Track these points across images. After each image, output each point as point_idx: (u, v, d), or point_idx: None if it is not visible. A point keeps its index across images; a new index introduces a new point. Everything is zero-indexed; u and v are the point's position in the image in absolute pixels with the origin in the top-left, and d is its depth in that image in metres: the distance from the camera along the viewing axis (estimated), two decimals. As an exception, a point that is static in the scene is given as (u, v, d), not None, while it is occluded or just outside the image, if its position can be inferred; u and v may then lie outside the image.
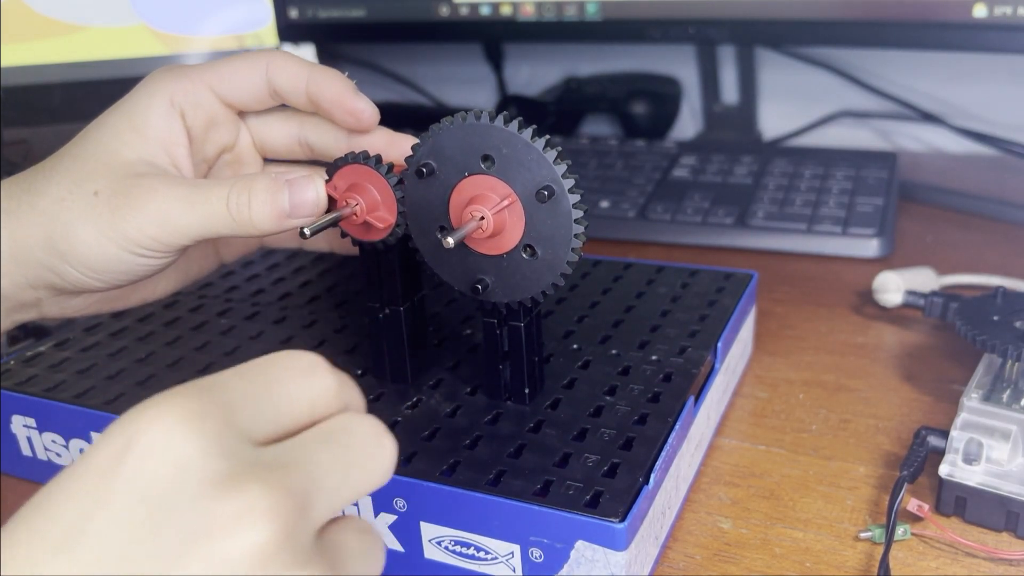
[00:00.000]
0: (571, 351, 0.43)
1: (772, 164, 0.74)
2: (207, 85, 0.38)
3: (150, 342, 0.47)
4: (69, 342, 0.47)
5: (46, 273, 0.36)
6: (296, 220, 0.35)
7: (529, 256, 0.34)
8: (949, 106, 0.84)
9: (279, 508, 0.20)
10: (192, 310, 0.50)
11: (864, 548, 0.37)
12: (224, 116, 0.39)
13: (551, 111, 0.92)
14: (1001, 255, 0.62)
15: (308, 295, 0.51)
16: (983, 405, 0.39)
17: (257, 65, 0.38)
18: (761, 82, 0.87)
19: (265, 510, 0.20)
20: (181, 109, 0.37)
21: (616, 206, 0.70)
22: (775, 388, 0.49)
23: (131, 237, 0.35)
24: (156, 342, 0.46)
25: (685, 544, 0.38)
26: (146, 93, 0.37)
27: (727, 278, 0.50)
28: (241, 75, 0.38)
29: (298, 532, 0.21)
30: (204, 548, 0.19)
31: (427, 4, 0.79)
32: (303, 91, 0.38)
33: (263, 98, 0.38)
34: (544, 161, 0.32)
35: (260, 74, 0.38)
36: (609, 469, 0.34)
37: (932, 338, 0.53)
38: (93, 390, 0.42)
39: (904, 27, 0.65)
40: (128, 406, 0.35)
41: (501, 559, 0.34)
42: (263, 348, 0.45)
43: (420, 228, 0.36)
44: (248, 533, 0.20)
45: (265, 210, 0.35)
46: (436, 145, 0.34)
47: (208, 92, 0.38)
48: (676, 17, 0.72)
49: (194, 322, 0.48)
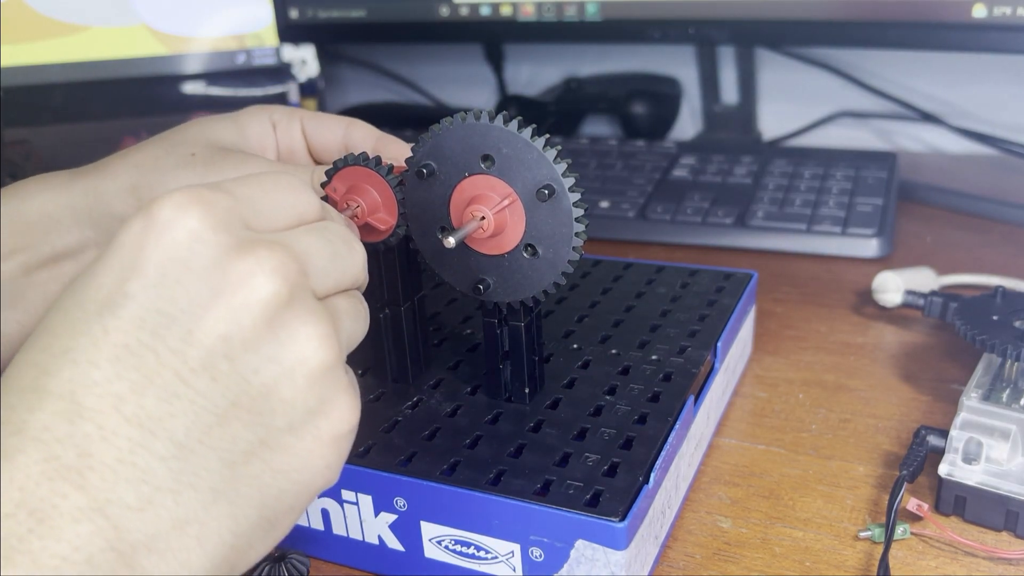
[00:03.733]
0: (571, 351, 0.43)
1: (772, 164, 0.74)
2: (300, 120, 0.42)
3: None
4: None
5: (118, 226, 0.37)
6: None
7: (530, 255, 0.34)
8: (949, 106, 0.84)
9: (284, 267, 0.24)
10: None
11: (864, 547, 0.37)
12: (301, 151, 0.42)
13: (551, 111, 0.92)
14: (1000, 255, 0.62)
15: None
16: (982, 405, 0.39)
17: (341, 123, 0.42)
18: (761, 82, 0.87)
19: (274, 267, 0.24)
20: (275, 128, 0.41)
21: (616, 206, 0.70)
22: (775, 388, 0.49)
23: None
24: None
25: (685, 543, 0.38)
26: (254, 109, 0.42)
27: (727, 278, 0.50)
28: (328, 125, 0.42)
29: (302, 288, 0.25)
30: (226, 299, 0.23)
31: (427, 4, 0.79)
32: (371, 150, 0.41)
33: (336, 150, 0.42)
34: (544, 160, 0.32)
35: (341, 130, 0.41)
36: (609, 468, 0.34)
37: (932, 338, 0.53)
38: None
39: (904, 27, 0.66)
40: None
41: (501, 558, 0.34)
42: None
43: (421, 228, 0.36)
44: (261, 285, 0.24)
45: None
46: (436, 145, 0.34)
47: (299, 127, 0.42)
48: (676, 17, 0.73)
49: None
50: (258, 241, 0.24)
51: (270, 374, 0.24)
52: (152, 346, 0.23)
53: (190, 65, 0.85)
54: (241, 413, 0.23)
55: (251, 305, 0.23)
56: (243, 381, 0.23)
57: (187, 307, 0.23)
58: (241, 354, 0.23)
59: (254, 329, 0.24)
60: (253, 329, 0.24)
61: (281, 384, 0.24)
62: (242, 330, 0.23)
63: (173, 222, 0.24)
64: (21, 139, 0.79)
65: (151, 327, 0.23)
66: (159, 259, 0.23)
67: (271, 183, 0.27)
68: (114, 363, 0.22)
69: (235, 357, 0.23)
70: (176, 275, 0.23)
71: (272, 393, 0.24)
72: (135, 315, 0.23)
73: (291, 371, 0.24)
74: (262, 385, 0.24)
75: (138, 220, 0.24)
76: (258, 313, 0.24)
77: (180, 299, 0.23)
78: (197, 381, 0.23)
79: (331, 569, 0.38)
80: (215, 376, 0.23)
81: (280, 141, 0.42)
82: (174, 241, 0.23)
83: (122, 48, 0.82)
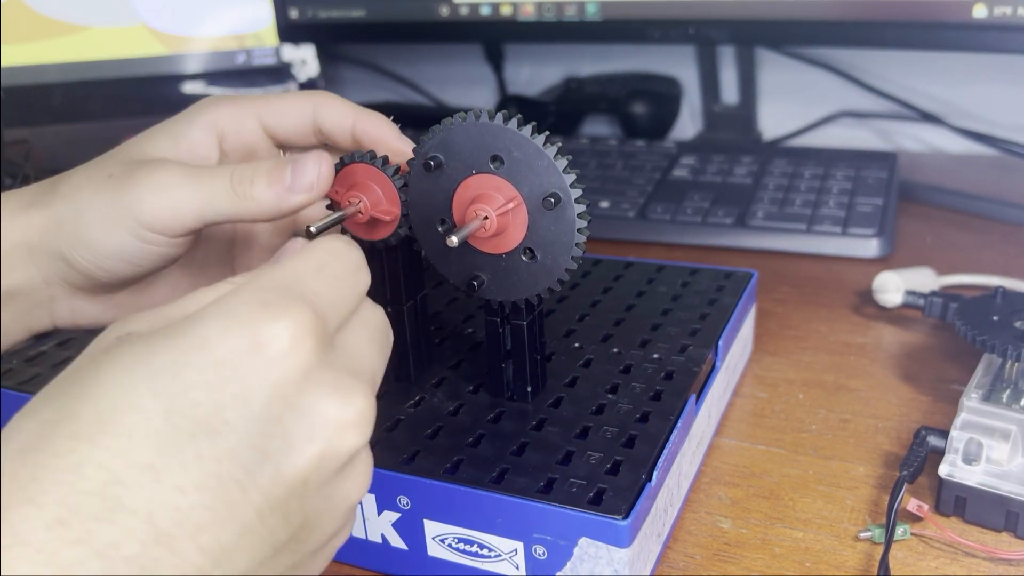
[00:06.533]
0: (573, 350, 0.43)
1: (772, 164, 0.74)
2: (255, 114, 0.39)
3: (152, 341, 0.47)
4: (71, 341, 0.47)
5: (57, 263, 0.37)
6: (298, 197, 0.35)
7: (528, 259, 0.35)
8: (949, 106, 0.84)
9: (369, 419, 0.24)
10: (194, 309, 0.50)
11: (864, 548, 0.37)
12: (264, 146, 0.40)
13: (551, 111, 0.92)
14: (1001, 255, 0.63)
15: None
16: (983, 405, 0.39)
17: (305, 103, 0.39)
18: (761, 82, 0.88)
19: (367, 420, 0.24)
20: (221, 131, 0.38)
21: (616, 206, 0.70)
22: (775, 388, 0.49)
23: (133, 213, 0.35)
24: (158, 341, 0.46)
25: (685, 544, 0.38)
26: (191, 112, 0.39)
27: (727, 277, 0.50)
28: (289, 109, 0.39)
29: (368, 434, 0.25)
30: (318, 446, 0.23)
31: (427, 4, 0.79)
32: (348, 132, 0.38)
33: (306, 134, 0.39)
34: (554, 168, 0.32)
35: (307, 112, 0.39)
36: (612, 467, 0.34)
37: (932, 338, 0.53)
38: (96, 389, 0.42)
39: (904, 27, 0.66)
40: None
41: (505, 556, 0.34)
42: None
43: (422, 220, 0.36)
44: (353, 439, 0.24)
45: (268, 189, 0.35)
46: (446, 139, 0.34)
47: (254, 120, 0.39)
48: (676, 17, 0.73)
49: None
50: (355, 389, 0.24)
51: (321, 508, 0.24)
52: (241, 481, 0.22)
53: (190, 65, 0.85)
54: (292, 544, 0.24)
55: (338, 455, 0.24)
56: (304, 519, 0.24)
57: (281, 447, 0.23)
58: (311, 496, 0.24)
59: (331, 475, 0.24)
60: (331, 475, 0.24)
61: (324, 518, 0.25)
62: (321, 476, 0.24)
63: (285, 358, 0.23)
64: (21, 139, 0.79)
65: (245, 462, 0.22)
66: (267, 396, 0.23)
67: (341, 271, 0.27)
68: (201, 491, 0.21)
69: (306, 498, 0.23)
70: (279, 413, 0.23)
71: (316, 526, 0.24)
72: (232, 447, 0.22)
73: (336, 507, 0.25)
74: (314, 519, 0.24)
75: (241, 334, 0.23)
76: (342, 463, 0.24)
77: (277, 438, 0.23)
78: (271, 519, 0.23)
79: (334, 568, 0.38)
80: (286, 515, 0.23)
81: (231, 142, 0.39)
82: (284, 379, 0.23)
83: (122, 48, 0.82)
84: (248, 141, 0.39)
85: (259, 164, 0.35)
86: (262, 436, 0.22)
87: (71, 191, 0.36)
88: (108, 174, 0.36)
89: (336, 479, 0.24)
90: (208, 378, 0.22)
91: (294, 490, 0.23)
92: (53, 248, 0.36)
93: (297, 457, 0.23)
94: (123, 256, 0.36)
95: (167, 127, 0.38)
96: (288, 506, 0.23)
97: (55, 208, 0.36)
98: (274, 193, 0.35)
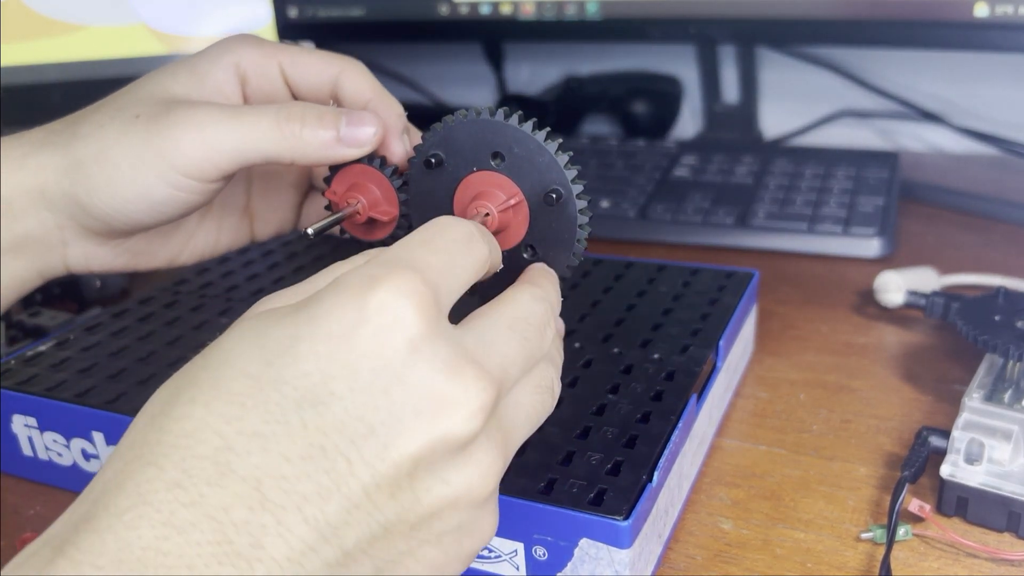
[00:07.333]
0: (573, 350, 0.43)
1: (773, 164, 0.74)
2: (277, 62, 0.37)
3: (151, 341, 0.46)
4: (70, 341, 0.47)
5: (72, 207, 0.35)
6: (346, 149, 0.34)
7: (529, 256, 0.34)
8: (950, 106, 0.84)
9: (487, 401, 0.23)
10: (193, 309, 0.50)
11: (865, 549, 0.37)
12: (283, 96, 0.38)
13: (551, 110, 0.92)
14: (1002, 255, 0.62)
15: (309, 294, 0.51)
16: (985, 405, 0.39)
17: (333, 65, 0.38)
18: (762, 82, 0.87)
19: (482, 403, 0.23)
20: (244, 74, 0.37)
21: (616, 206, 0.70)
22: (776, 388, 0.49)
23: (167, 157, 0.34)
24: (157, 341, 0.46)
25: (686, 545, 0.38)
26: (215, 51, 0.37)
27: (728, 277, 0.50)
28: (315, 66, 0.37)
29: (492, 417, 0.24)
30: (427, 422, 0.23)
31: (427, 3, 0.79)
32: (362, 107, 0.37)
33: (322, 96, 0.38)
34: (556, 165, 0.32)
35: (331, 74, 0.37)
36: (613, 467, 0.34)
37: (933, 338, 0.53)
38: (94, 389, 0.42)
39: (905, 26, 0.65)
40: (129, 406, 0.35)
41: (505, 557, 0.34)
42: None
43: (423, 218, 0.36)
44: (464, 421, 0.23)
45: (318, 131, 0.34)
46: (447, 137, 0.34)
47: (277, 69, 0.38)
48: (676, 16, 0.72)
49: (195, 321, 0.48)
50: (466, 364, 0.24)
51: (439, 494, 0.23)
52: (347, 454, 0.22)
53: (190, 64, 0.85)
54: (404, 528, 0.23)
55: (450, 438, 0.23)
56: (415, 500, 0.23)
57: (388, 420, 0.22)
58: (422, 475, 0.23)
59: (444, 455, 0.23)
60: (443, 456, 0.23)
61: (444, 506, 0.24)
62: (433, 455, 0.23)
63: (393, 327, 0.23)
64: (20, 138, 0.79)
65: (351, 434, 0.22)
66: (373, 365, 0.22)
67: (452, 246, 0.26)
68: (306, 462, 0.21)
69: (416, 476, 0.23)
70: (386, 385, 0.22)
71: (434, 514, 0.23)
72: (337, 418, 0.22)
73: (457, 496, 0.24)
74: (429, 505, 0.23)
75: (351, 307, 0.23)
76: (454, 445, 0.23)
77: (384, 410, 0.22)
78: (379, 496, 0.22)
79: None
80: (394, 493, 0.23)
81: (252, 86, 0.38)
82: (392, 348, 0.23)
83: (121, 47, 0.82)
84: (268, 89, 0.38)
85: (310, 105, 0.34)
86: (368, 408, 0.22)
87: (92, 131, 0.35)
88: (135, 114, 0.34)
89: (453, 463, 0.23)
90: (318, 349, 0.22)
91: (402, 467, 0.22)
92: (68, 192, 0.35)
93: (404, 431, 0.22)
94: (148, 202, 0.35)
95: (188, 65, 0.37)
96: (398, 483, 0.22)
97: (74, 149, 0.35)
98: (324, 138, 0.34)
